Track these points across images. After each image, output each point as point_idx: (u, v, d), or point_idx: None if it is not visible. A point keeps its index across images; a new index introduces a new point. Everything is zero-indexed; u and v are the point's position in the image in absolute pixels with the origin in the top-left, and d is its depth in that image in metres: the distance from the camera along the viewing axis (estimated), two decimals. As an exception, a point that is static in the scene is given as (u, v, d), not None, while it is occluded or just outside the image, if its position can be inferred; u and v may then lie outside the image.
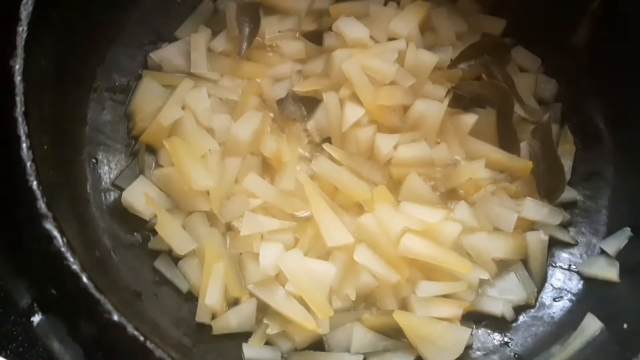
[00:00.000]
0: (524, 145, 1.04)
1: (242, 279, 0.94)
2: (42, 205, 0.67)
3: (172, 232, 0.92)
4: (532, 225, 1.02)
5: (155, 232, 0.95)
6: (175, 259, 0.95)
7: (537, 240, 1.00)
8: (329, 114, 1.02)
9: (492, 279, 0.98)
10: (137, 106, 1.01)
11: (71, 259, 0.66)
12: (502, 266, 0.99)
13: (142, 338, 0.63)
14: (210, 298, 0.90)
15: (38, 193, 0.67)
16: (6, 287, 0.66)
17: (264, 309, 0.93)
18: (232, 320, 0.91)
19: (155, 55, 1.05)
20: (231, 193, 0.98)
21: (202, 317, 0.91)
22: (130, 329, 0.63)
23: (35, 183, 0.68)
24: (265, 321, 0.92)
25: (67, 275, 0.65)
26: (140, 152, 1.00)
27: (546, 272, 1.00)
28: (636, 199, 0.99)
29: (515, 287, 0.98)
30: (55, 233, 0.66)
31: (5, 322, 0.93)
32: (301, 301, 0.91)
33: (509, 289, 0.98)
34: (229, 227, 0.97)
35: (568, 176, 1.04)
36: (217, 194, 0.95)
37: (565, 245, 1.02)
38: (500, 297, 0.97)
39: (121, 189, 0.95)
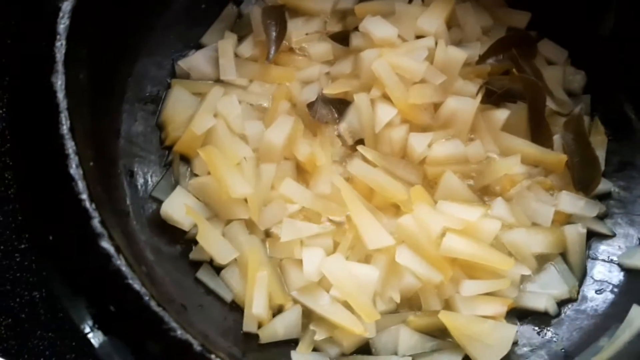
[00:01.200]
0: (556, 139, 1.03)
1: (285, 286, 0.94)
2: (96, 224, 0.66)
3: (213, 242, 0.92)
4: (569, 219, 1.02)
5: (194, 243, 0.94)
6: (217, 269, 0.94)
7: (575, 233, 1.00)
8: (361, 116, 1.01)
9: (533, 275, 0.97)
10: (168, 116, 1.00)
11: (131, 277, 0.65)
12: (542, 261, 0.99)
13: (209, 355, 0.62)
14: (257, 307, 0.89)
15: (92, 212, 0.66)
16: (65, 308, 0.65)
17: (309, 315, 0.93)
18: (278, 328, 0.91)
19: (183, 63, 1.04)
20: (268, 199, 0.97)
21: (249, 326, 0.91)
22: (196, 345, 0.62)
23: (88, 201, 0.67)
24: (311, 327, 0.91)
25: (129, 293, 0.64)
26: (175, 162, 0.99)
27: (586, 265, 1.00)
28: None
29: (556, 281, 0.98)
30: (113, 251, 0.65)
31: (62, 345, 0.91)
32: (346, 305, 0.90)
33: (550, 284, 0.98)
34: (268, 234, 0.97)
35: (602, 167, 1.04)
36: (255, 201, 0.94)
37: (603, 237, 1.02)
38: (543, 292, 0.97)
39: (159, 201, 0.94)
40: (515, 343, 0.94)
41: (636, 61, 1.04)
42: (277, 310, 0.93)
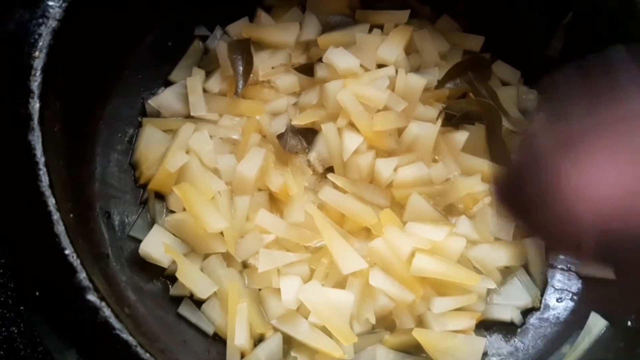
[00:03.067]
0: (513, 156, 1.09)
1: (265, 315, 0.97)
2: (82, 277, 0.68)
3: (192, 278, 0.94)
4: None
5: (173, 279, 0.97)
6: (198, 303, 0.97)
7: (534, 245, 1.05)
8: (329, 144, 1.05)
9: (498, 287, 1.03)
10: (141, 154, 1.03)
11: (119, 327, 0.67)
12: (506, 273, 1.05)
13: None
14: (239, 339, 0.92)
15: (77, 266, 0.68)
16: (56, 361, 0.67)
17: (289, 341, 0.96)
18: (261, 357, 0.94)
19: (153, 102, 1.06)
20: (244, 231, 1.00)
21: (232, 358, 0.94)
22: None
23: (72, 256, 0.69)
24: (292, 354, 0.95)
25: (118, 344, 0.67)
26: (150, 200, 1.01)
27: (547, 275, 1.06)
28: None
29: (520, 292, 1.04)
30: (99, 304, 0.68)
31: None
32: (325, 330, 0.94)
33: (514, 295, 1.04)
34: (245, 265, 1.00)
35: (559, 182, 1.10)
36: (231, 234, 0.97)
37: (561, 247, 1.08)
38: (508, 304, 1.03)
39: (137, 240, 0.96)
40: (485, 354, 0.99)
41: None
42: (259, 340, 0.97)
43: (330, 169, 1.07)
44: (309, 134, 1.07)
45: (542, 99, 1.15)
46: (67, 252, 0.69)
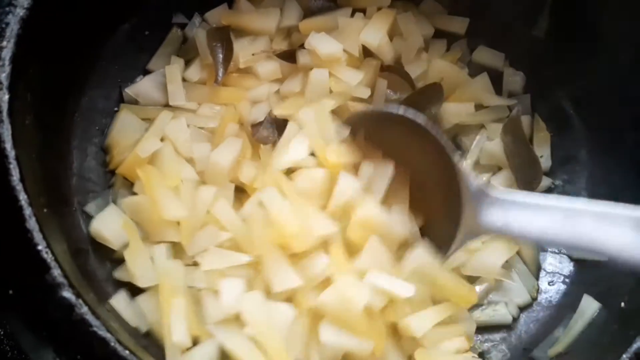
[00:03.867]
0: (497, 142, 1.07)
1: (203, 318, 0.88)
2: (56, 274, 0.66)
3: (140, 262, 0.88)
4: None
5: (120, 263, 0.90)
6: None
7: None
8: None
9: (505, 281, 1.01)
10: (114, 139, 0.99)
11: (96, 324, 0.65)
12: (507, 267, 1.02)
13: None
14: (177, 335, 0.83)
15: (50, 262, 0.66)
16: (32, 361, 0.65)
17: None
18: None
19: (130, 90, 1.03)
20: (204, 223, 0.94)
21: (173, 358, 0.84)
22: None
23: (45, 252, 0.66)
24: None
25: (95, 341, 0.64)
26: (117, 184, 0.97)
27: (539, 260, 1.04)
28: (612, 179, 1.04)
29: (518, 287, 1.01)
30: (75, 300, 0.65)
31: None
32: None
33: (512, 290, 1.01)
34: (195, 262, 0.92)
35: (549, 163, 1.09)
36: (188, 225, 0.91)
37: (551, 230, 1.06)
38: (506, 301, 1.00)
39: (90, 217, 0.92)
40: (477, 338, 0.98)
41: (571, 59, 1.09)
42: (195, 344, 0.87)
43: None
44: (283, 126, 1.02)
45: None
46: (39, 247, 0.66)
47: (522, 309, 1.01)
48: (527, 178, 1.05)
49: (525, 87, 1.15)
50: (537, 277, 1.03)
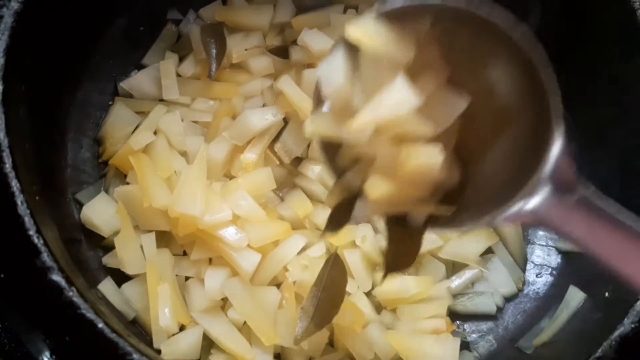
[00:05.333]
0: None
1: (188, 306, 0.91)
2: (46, 258, 0.68)
3: (129, 248, 0.89)
4: None
5: (108, 250, 0.92)
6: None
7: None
8: (296, 134, 1.04)
9: (482, 271, 1.01)
10: (107, 131, 1.01)
11: (84, 306, 0.67)
12: (487, 257, 1.03)
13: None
14: (163, 319, 0.86)
15: (41, 247, 0.68)
16: (23, 342, 0.66)
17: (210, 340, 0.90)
18: (181, 343, 0.87)
19: (125, 84, 1.05)
20: None
21: (159, 342, 0.87)
22: (153, 367, 0.65)
23: (36, 237, 0.68)
24: (212, 352, 0.90)
25: (82, 323, 0.66)
26: (109, 174, 0.99)
27: (526, 252, 1.05)
28: (599, 173, 1.04)
29: (503, 277, 1.02)
30: (64, 283, 0.67)
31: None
32: (245, 332, 0.89)
33: (498, 281, 1.02)
34: (184, 252, 0.95)
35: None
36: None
37: (540, 223, 1.07)
38: (491, 291, 1.01)
39: (81, 204, 0.93)
40: (464, 329, 0.99)
41: (560, 53, 1.10)
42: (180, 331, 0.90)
43: (298, 161, 1.05)
44: (278, 123, 1.04)
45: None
46: (30, 232, 0.68)
47: (510, 300, 1.02)
48: None
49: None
50: (523, 269, 1.04)
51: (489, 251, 1.04)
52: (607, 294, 0.90)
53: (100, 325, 0.66)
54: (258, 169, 1.00)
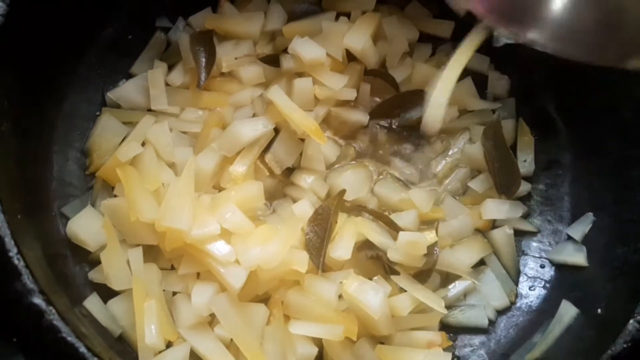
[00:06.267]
0: (478, 145, 1.07)
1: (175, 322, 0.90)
2: (26, 280, 0.67)
3: (115, 263, 0.88)
4: (494, 223, 1.05)
5: (94, 265, 0.91)
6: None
7: (503, 235, 1.04)
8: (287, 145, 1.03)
9: (475, 283, 1.01)
10: (94, 143, 1.00)
11: (65, 330, 0.66)
12: (479, 270, 1.03)
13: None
14: (149, 337, 0.85)
15: (21, 269, 0.67)
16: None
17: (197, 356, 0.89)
18: None
19: (112, 95, 1.04)
20: None
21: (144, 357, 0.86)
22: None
23: (16, 258, 0.67)
24: None
25: (64, 347, 0.65)
26: (96, 187, 0.98)
27: (519, 264, 1.04)
28: (594, 183, 1.04)
29: (496, 290, 1.01)
30: (45, 306, 0.66)
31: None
32: (233, 349, 0.88)
33: (490, 294, 1.01)
34: (172, 266, 0.94)
35: (532, 166, 1.08)
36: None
37: (533, 234, 1.06)
38: (483, 304, 1.00)
39: (67, 218, 0.92)
40: (455, 344, 0.99)
41: (556, 63, 1.08)
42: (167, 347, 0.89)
43: (289, 171, 1.04)
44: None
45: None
46: (10, 254, 0.67)
47: (502, 313, 1.01)
48: (505, 183, 1.05)
49: (510, 91, 1.14)
50: (516, 282, 1.03)
51: (481, 263, 1.03)
52: (599, 311, 0.89)
53: (82, 349, 0.65)
54: (248, 182, 0.98)
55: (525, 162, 1.09)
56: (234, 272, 0.88)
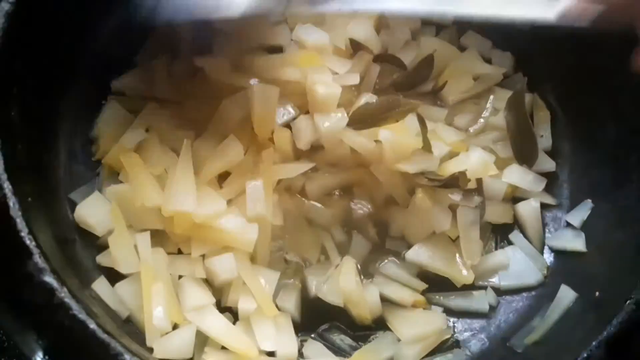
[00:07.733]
0: (501, 116, 1.07)
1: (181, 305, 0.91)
2: (38, 259, 0.68)
3: (123, 248, 0.89)
4: (514, 193, 1.06)
5: (102, 250, 0.93)
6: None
7: (529, 208, 1.05)
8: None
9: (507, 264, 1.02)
10: (101, 130, 1.01)
11: (76, 307, 0.67)
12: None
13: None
14: (157, 318, 0.86)
15: (33, 248, 0.68)
16: (17, 343, 0.67)
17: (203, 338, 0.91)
18: (174, 341, 0.88)
19: (117, 83, 1.05)
20: None
21: (152, 341, 0.87)
22: (144, 367, 0.66)
23: (28, 238, 0.69)
24: (205, 350, 0.90)
25: (75, 324, 0.67)
26: (103, 173, 0.99)
27: (544, 239, 1.05)
28: (593, 171, 1.06)
29: (528, 268, 1.02)
30: (56, 285, 0.68)
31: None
32: (245, 324, 0.92)
33: (522, 273, 1.02)
34: (181, 251, 0.95)
35: (549, 142, 1.09)
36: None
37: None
38: (519, 285, 1.02)
39: (75, 204, 0.94)
40: (455, 327, 1.00)
41: (556, 52, 1.10)
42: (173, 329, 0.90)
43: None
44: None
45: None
46: (22, 234, 0.68)
47: (502, 298, 1.02)
48: (525, 154, 1.06)
49: (515, 67, 1.15)
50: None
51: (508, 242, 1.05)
52: (597, 294, 0.90)
53: (92, 326, 0.67)
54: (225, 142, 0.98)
55: (543, 137, 1.09)
56: (246, 231, 0.92)
